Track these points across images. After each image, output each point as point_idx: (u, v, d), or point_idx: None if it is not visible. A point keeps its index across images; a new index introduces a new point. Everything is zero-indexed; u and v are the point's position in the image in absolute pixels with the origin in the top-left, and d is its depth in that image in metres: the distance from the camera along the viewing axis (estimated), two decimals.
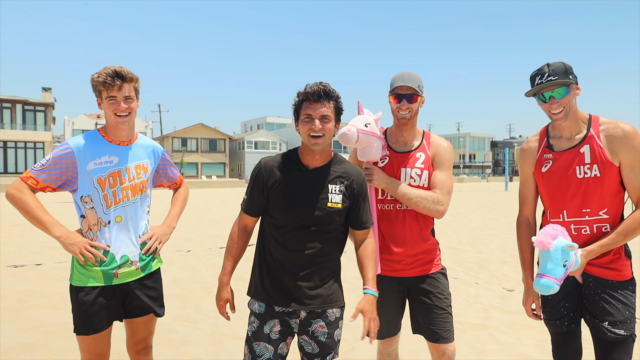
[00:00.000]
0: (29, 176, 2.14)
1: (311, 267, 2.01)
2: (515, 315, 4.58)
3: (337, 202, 2.01)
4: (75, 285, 2.19)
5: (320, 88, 1.93)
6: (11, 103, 38.63)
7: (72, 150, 2.16)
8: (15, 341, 3.82)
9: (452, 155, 2.46)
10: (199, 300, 5.09)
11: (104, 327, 2.21)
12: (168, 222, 2.50)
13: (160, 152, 2.50)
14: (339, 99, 2.01)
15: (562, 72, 2.09)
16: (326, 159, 2.06)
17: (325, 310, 2.04)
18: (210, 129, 55.94)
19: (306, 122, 1.95)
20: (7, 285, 5.56)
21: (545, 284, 1.94)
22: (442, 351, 2.32)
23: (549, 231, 2.00)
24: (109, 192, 2.21)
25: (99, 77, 2.14)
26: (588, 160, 2.10)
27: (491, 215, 14.55)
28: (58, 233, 2.12)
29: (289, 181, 2.00)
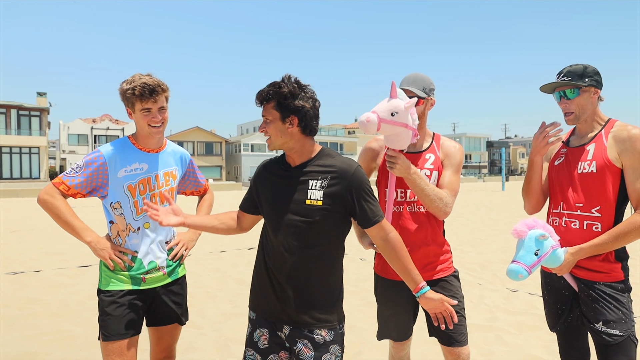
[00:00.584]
0: (61, 182, 2.17)
1: (297, 276, 1.85)
2: (521, 316, 4.57)
3: (317, 198, 1.82)
4: (104, 289, 2.20)
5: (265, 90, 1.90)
6: (6, 108, 38.41)
7: (103, 157, 2.19)
8: (17, 349, 3.76)
9: (462, 158, 2.45)
10: (202, 305, 5.05)
11: (130, 332, 2.17)
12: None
13: (188, 158, 2.53)
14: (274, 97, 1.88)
15: (577, 74, 2.17)
16: (308, 155, 1.92)
17: (312, 331, 1.85)
18: (206, 132, 55.84)
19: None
20: (7, 293, 5.49)
21: (513, 269, 2.01)
22: (456, 355, 2.29)
23: (527, 222, 2.08)
24: (139, 199, 2.24)
25: (134, 91, 2.12)
26: (590, 157, 2.15)
27: (490, 216, 14.57)
28: (89, 238, 2.16)
29: (272, 181, 1.97)
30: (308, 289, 1.87)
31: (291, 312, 1.86)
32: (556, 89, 2.24)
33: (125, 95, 2.18)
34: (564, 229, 2.21)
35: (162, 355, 2.38)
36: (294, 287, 1.87)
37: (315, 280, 1.88)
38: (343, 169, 1.85)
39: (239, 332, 4.16)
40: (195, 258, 7.71)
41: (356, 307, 4.87)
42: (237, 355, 3.68)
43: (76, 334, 4.11)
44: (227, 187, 39.19)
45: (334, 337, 1.89)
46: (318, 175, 1.86)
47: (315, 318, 1.85)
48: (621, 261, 2.13)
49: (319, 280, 1.89)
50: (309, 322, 1.85)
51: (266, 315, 1.92)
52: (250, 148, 57.20)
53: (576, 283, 2.19)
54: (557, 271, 2.13)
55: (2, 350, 3.76)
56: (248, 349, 1.96)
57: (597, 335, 2.08)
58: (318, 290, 1.88)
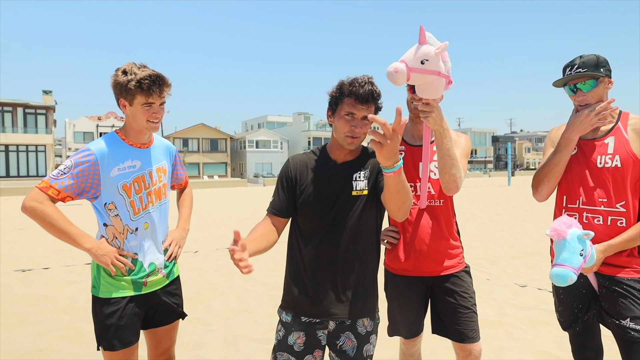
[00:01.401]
0: (49, 185, 1.97)
1: (341, 271, 1.88)
2: (530, 311, 4.54)
3: (362, 188, 1.89)
4: (103, 297, 2.07)
5: (370, 90, 1.81)
6: (12, 106, 38.59)
7: (95, 156, 2.02)
8: (28, 346, 3.78)
9: (468, 144, 2.38)
10: (210, 301, 5.05)
11: (133, 340, 2.11)
12: (182, 225, 2.43)
13: (174, 151, 2.41)
14: (380, 100, 1.89)
15: (592, 65, 2.10)
16: (357, 153, 1.97)
17: (355, 322, 1.91)
18: (211, 129, 55.88)
19: (347, 120, 1.84)
20: (16, 290, 5.52)
21: (561, 273, 1.86)
22: (468, 351, 2.27)
23: (564, 220, 1.96)
24: (135, 198, 2.11)
25: (140, 84, 1.97)
26: (611, 150, 2.09)
27: (497, 211, 14.49)
28: (89, 245, 2.01)
29: (316, 178, 1.92)
30: (356, 281, 1.91)
31: (337, 308, 1.87)
32: (568, 83, 2.17)
33: (126, 87, 1.99)
34: (585, 225, 2.13)
35: (162, 358, 2.32)
36: (343, 280, 1.88)
37: (361, 271, 1.92)
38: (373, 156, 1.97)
39: (247, 329, 4.16)
40: (202, 255, 7.72)
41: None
42: (245, 351, 3.68)
43: (85, 330, 4.12)
44: (232, 184, 39.24)
45: (374, 327, 1.97)
46: (361, 168, 1.93)
47: (361, 309, 1.91)
48: None
49: (364, 271, 1.93)
50: (355, 314, 1.90)
51: (309, 315, 1.88)
52: (255, 145, 57.20)
53: (597, 280, 2.15)
54: (588, 271, 2.07)
55: (12, 347, 3.78)
56: (281, 353, 1.90)
57: (623, 332, 2.02)
58: (363, 281, 1.93)
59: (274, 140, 58.73)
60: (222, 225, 11.76)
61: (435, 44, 1.90)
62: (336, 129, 1.89)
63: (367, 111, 1.84)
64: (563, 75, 2.19)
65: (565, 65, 2.18)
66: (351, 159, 1.95)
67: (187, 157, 52.52)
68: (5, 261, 7.30)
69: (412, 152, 2.35)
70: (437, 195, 2.30)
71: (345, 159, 1.95)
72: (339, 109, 1.87)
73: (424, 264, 2.30)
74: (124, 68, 2.03)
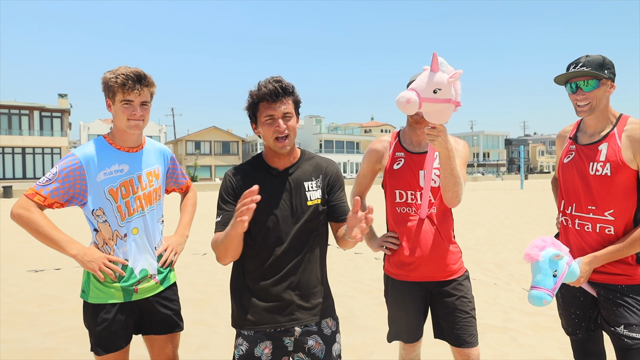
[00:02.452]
0: (35, 192, 1.97)
1: (301, 275, 1.86)
2: (536, 317, 4.50)
3: (317, 197, 1.89)
4: (93, 303, 2.06)
5: (276, 85, 1.78)
6: (29, 110, 39.38)
7: (79, 162, 2.01)
8: (37, 346, 3.86)
9: (467, 153, 2.41)
10: (216, 304, 5.10)
11: (123, 345, 2.10)
12: (181, 232, 2.39)
13: (169, 155, 2.38)
14: (296, 92, 1.86)
15: (596, 65, 2.05)
16: (295, 157, 1.94)
17: (319, 324, 1.91)
18: (223, 132, 56.29)
19: (268, 124, 1.81)
20: (28, 290, 5.64)
21: (536, 296, 1.95)
22: (466, 356, 2.27)
23: (536, 243, 2.01)
24: (122, 203, 2.08)
25: (117, 79, 1.99)
26: (603, 158, 2.07)
27: (507, 215, 14.36)
28: (74, 251, 1.99)
29: (261, 188, 1.78)
30: (313, 284, 1.91)
31: (301, 312, 1.86)
32: (572, 80, 2.11)
33: (108, 84, 2.02)
34: (576, 232, 2.15)
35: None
36: (302, 285, 1.87)
37: (318, 274, 1.94)
38: (329, 166, 1.99)
39: None
40: (211, 257, 7.79)
41: (369, 307, 4.85)
42: None
43: None
44: None
45: (337, 326, 1.99)
46: (311, 176, 1.92)
47: (324, 310, 1.92)
48: None
49: (321, 273, 1.95)
50: (318, 315, 1.90)
51: (272, 327, 1.84)
52: None
53: (594, 288, 2.15)
54: (575, 284, 2.08)
55: (23, 345, 3.87)
56: None
57: (618, 339, 2.02)
58: (321, 281, 1.95)
59: None
60: None
61: (448, 70, 1.88)
62: (264, 137, 1.86)
63: (285, 107, 1.81)
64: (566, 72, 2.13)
65: (570, 63, 2.14)
66: (293, 163, 1.93)
67: (199, 160, 52.94)
68: (19, 262, 7.45)
69: (411, 159, 2.35)
70: (437, 203, 2.31)
71: (285, 164, 1.91)
72: (258, 117, 1.85)
73: (424, 269, 2.31)
74: (112, 69, 2.06)
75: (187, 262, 7.33)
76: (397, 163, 2.37)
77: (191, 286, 5.85)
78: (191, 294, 5.48)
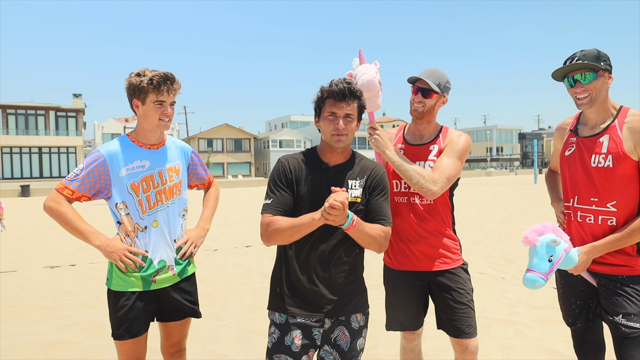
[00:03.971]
0: (64, 187, 2.15)
1: (334, 269, 1.93)
2: (543, 310, 4.50)
3: (357, 196, 1.96)
4: (115, 290, 2.21)
5: (345, 87, 1.90)
6: (45, 110, 40.10)
7: (104, 158, 2.16)
8: (52, 338, 4.00)
9: (464, 145, 2.37)
10: (225, 298, 5.20)
11: (142, 331, 2.23)
12: (202, 225, 2.49)
13: (189, 151, 2.48)
14: (362, 98, 1.98)
15: (592, 57, 2.08)
16: (347, 156, 2.03)
17: (349, 318, 1.97)
18: (235, 129, 56.61)
19: (330, 120, 1.92)
20: (45, 285, 5.81)
21: (530, 278, 2.01)
22: (464, 346, 2.31)
23: (535, 228, 2.06)
24: (143, 197, 2.21)
25: (151, 80, 2.11)
26: (604, 150, 2.09)
27: (519, 209, 14.25)
28: (98, 242, 2.15)
29: (309, 179, 1.95)
30: (348, 277, 1.97)
31: (334, 303, 1.93)
32: (570, 74, 2.13)
33: (139, 86, 2.13)
34: (578, 224, 2.18)
35: (173, 349, 2.41)
36: (337, 277, 1.94)
37: (353, 268, 1.99)
38: (375, 169, 2.05)
39: (260, 325, 4.27)
40: (221, 253, 7.91)
41: (376, 301, 4.87)
42: (258, 346, 3.79)
43: (106, 324, 4.29)
44: (256, 183, 39.66)
45: (366, 322, 2.05)
46: (357, 175, 1.99)
47: (355, 305, 1.99)
48: None
49: (355, 267, 2.01)
50: (350, 310, 1.97)
51: (305, 315, 1.91)
52: (278, 144, 57.65)
53: (594, 278, 2.17)
54: (573, 271, 2.12)
55: (39, 337, 4.00)
56: (278, 355, 1.91)
57: (616, 328, 2.05)
58: (355, 277, 2.01)
59: (297, 140, 59.05)
60: (243, 224, 11.97)
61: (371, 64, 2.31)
62: (323, 131, 1.97)
63: (349, 108, 1.92)
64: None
65: (566, 59, 2.17)
66: (342, 162, 2.01)
67: (211, 157, 53.36)
68: (36, 258, 7.65)
69: (409, 150, 2.42)
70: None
71: (336, 161, 2.00)
72: (322, 111, 1.97)
73: (419, 259, 2.37)
74: (137, 71, 2.18)
75: (197, 257, 7.44)
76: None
77: (201, 281, 5.95)
78: (201, 288, 5.53)
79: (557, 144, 2.44)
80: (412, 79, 2.40)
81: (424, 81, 2.33)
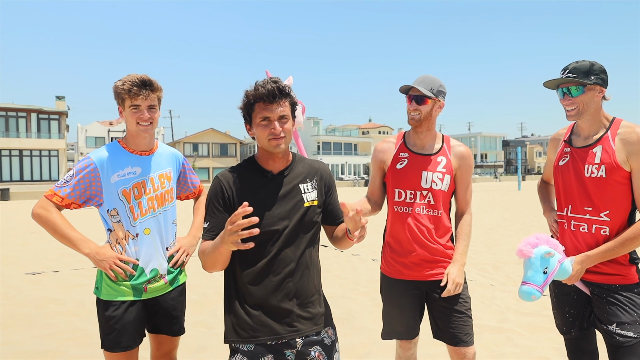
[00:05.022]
0: (54, 193, 2.11)
1: (299, 282, 1.79)
2: (532, 317, 4.53)
3: (314, 198, 1.86)
4: (104, 300, 2.15)
5: (274, 86, 1.73)
6: (26, 112, 39.30)
7: (94, 164, 2.13)
8: (35, 348, 3.87)
9: (473, 161, 2.50)
10: (214, 305, 5.12)
11: (133, 345, 2.16)
12: (193, 233, 2.45)
13: (181, 159, 2.45)
14: (292, 94, 1.81)
15: (582, 72, 2.12)
16: (288, 160, 1.88)
17: (320, 333, 1.84)
18: (221, 134, 56.31)
19: (264, 125, 1.75)
20: (26, 292, 5.65)
21: (526, 291, 2.03)
22: (462, 355, 2.30)
23: (530, 240, 2.08)
24: (134, 203, 2.17)
25: (123, 85, 2.11)
26: (597, 160, 2.12)
27: (504, 216, 14.41)
28: (87, 250, 2.10)
29: (256, 191, 1.77)
30: (311, 292, 1.84)
31: (301, 322, 1.79)
32: (560, 86, 2.19)
33: (117, 92, 2.14)
34: (572, 233, 2.20)
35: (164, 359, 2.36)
36: (301, 293, 1.80)
37: (316, 281, 1.88)
38: (322, 168, 1.97)
39: None
40: None
41: (366, 308, 4.89)
42: None
43: (91, 332, 4.21)
44: None
45: (335, 335, 1.93)
46: (305, 178, 1.88)
47: (323, 319, 1.86)
48: (635, 264, 2.12)
49: (318, 279, 1.90)
50: (319, 325, 1.84)
51: (273, 340, 1.75)
52: None
53: (588, 287, 2.19)
54: (567, 281, 2.13)
55: (21, 348, 3.88)
56: None
57: (610, 337, 2.06)
58: (318, 291, 1.89)
59: None
60: None
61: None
62: (258, 138, 1.80)
63: (281, 109, 1.76)
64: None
65: (562, 68, 2.20)
66: (286, 166, 1.87)
67: (197, 162, 52.95)
68: (17, 264, 7.45)
69: (415, 159, 2.42)
70: (435, 205, 2.37)
71: (280, 167, 1.85)
72: (253, 117, 1.79)
73: (418, 269, 2.36)
74: (122, 77, 2.17)
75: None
76: (400, 163, 2.44)
77: (189, 288, 5.80)
78: (189, 295, 5.44)
79: (550, 154, 2.46)
80: (404, 88, 2.40)
81: (416, 89, 2.33)
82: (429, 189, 2.36)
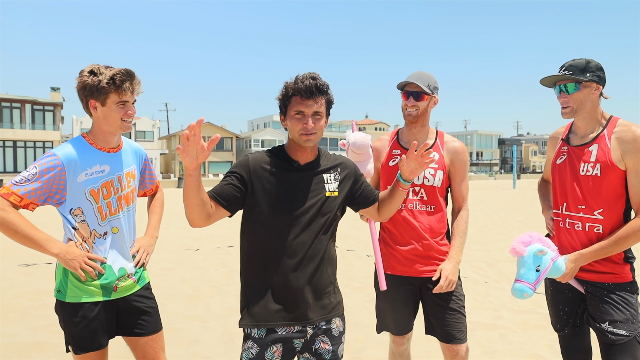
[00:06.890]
0: (11, 192, 1.89)
1: (315, 273, 1.83)
2: (526, 314, 4.56)
3: (334, 189, 1.91)
4: (71, 302, 2.01)
5: (312, 83, 1.77)
6: (21, 103, 39.00)
7: (61, 162, 1.95)
8: (28, 339, 3.86)
9: (468, 157, 2.49)
10: (209, 299, 5.11)
11: (104, 343, 2.07)
12: (150, 233, 2.36)
13: (144, 155, 2.34)
14: (330, 92, 1.85)
15: (578, 69, 2.12)
16: (316, 153, 1.94)
17: (330, 322, 1.89)
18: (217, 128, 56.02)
19: (297, 119, 1.80)
20: (19, 284, 5.62)
21: (518, 288, 2.05)
22: (455, 352, 2.31)
23: (522, 239, 2.10)
24: (103, 203, 2.06)
25: (114, 80, 1.95)
26: (593, 159, 2.13)
27: (499, 214, 14.48)
28: (56, 250, 1.94)
29: (281, 178, 1.83)
30: (326, 283, 1.89)
31: (314, 311, 1.83)
32: (557, 83, 2.20)
33: (97, 87, 1.95)
34: (567, 230, 2.21)
35: None
36: (316, 284, 1.85)
37: (330, 270, 1.92)
38: (345, 160, 2.02)
39: None
40: (203, 253, 7.79)
41: (361, 304, 4.90)
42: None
43: None
44: None
45: (344, 326, 1.97)
46: (330, 170, 1.93)
47: (334, 307, 1.91)
48: (629, 262, 2.13)
49: (333, 270, 1.95)
50: (330, 313, 1.89)
51: (286, 325, 1.79)
52: (260, 144, 57.38)
53: (582, 285, 2.20)
54: (561, 279, 2.14)
55: (14, 339, 3.86)
56: None
57: (603, 335, 2.07)
58: (333, 280, 1.94)
59: (280, 140, 58.86)
60: (224, 224, 11.83)
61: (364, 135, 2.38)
62: (290, 130, 1.85)
63: (317, 106, 1.80)
64: None
65: (561, 65, 2.21)
66: (313, 159, 1.92)
67: None
68: (9, 256, 7.41)
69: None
70: (429, 201, 2.37)
71: (307, 159, 1.90)
72: (288, 110, 1.84)
73: (411, 264, 2.36)
74: (90, 69, 1.99)
75: (179, 257, 7.33)
76: (393, 160, 2.44)
77: (183, 282, 5.85)
78: (183, 289, 5.48)
79: (549, 153, 2.47)
80: (401, 84, 2.39)
81: (414, 84, 2.33)
82: (421, 185, 2.37)
